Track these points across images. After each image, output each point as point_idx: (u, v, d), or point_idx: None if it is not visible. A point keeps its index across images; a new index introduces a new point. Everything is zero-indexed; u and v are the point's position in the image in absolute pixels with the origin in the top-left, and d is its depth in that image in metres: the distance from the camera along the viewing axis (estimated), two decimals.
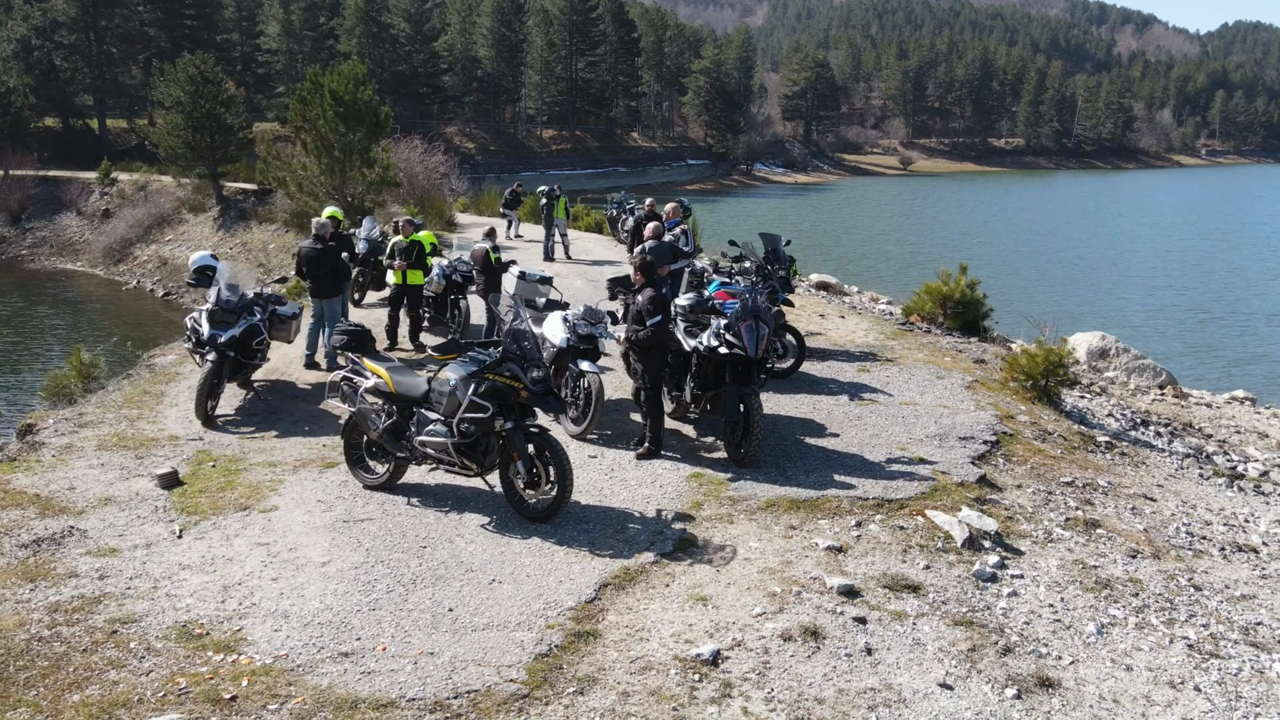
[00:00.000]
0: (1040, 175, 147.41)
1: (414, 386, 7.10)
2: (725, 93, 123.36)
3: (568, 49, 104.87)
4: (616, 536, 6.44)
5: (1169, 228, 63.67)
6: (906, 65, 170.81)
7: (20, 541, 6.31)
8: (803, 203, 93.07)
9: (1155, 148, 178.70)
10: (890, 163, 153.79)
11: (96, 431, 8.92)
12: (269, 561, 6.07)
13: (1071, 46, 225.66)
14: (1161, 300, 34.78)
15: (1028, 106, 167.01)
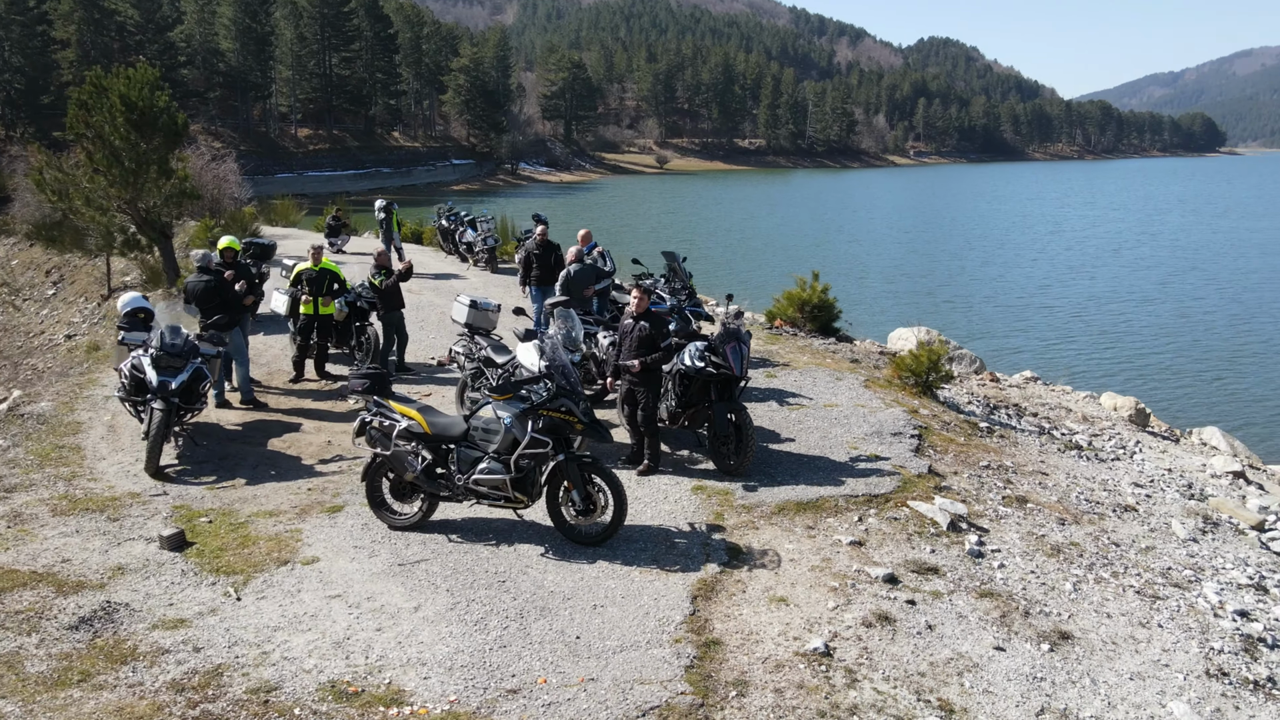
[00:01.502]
0: (781, 173, 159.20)
1: (450, 426, 7.27)
2: (486, 92, 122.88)
3: (320, 43, 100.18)
4: (671, 551, 7.03)
5: (915, 220, 71.30)
6: (656, 68, 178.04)
7: (65, 624, 5.90)
8: (573, 201, 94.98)
9: (874, 149, 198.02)
10: (648, 161, 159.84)
11: (35, 495, 8.18)
12: (357, 613, 6.11)
13: (799, 55, 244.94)
14: (931, 288, 39.33)
15: (767, 110, 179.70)
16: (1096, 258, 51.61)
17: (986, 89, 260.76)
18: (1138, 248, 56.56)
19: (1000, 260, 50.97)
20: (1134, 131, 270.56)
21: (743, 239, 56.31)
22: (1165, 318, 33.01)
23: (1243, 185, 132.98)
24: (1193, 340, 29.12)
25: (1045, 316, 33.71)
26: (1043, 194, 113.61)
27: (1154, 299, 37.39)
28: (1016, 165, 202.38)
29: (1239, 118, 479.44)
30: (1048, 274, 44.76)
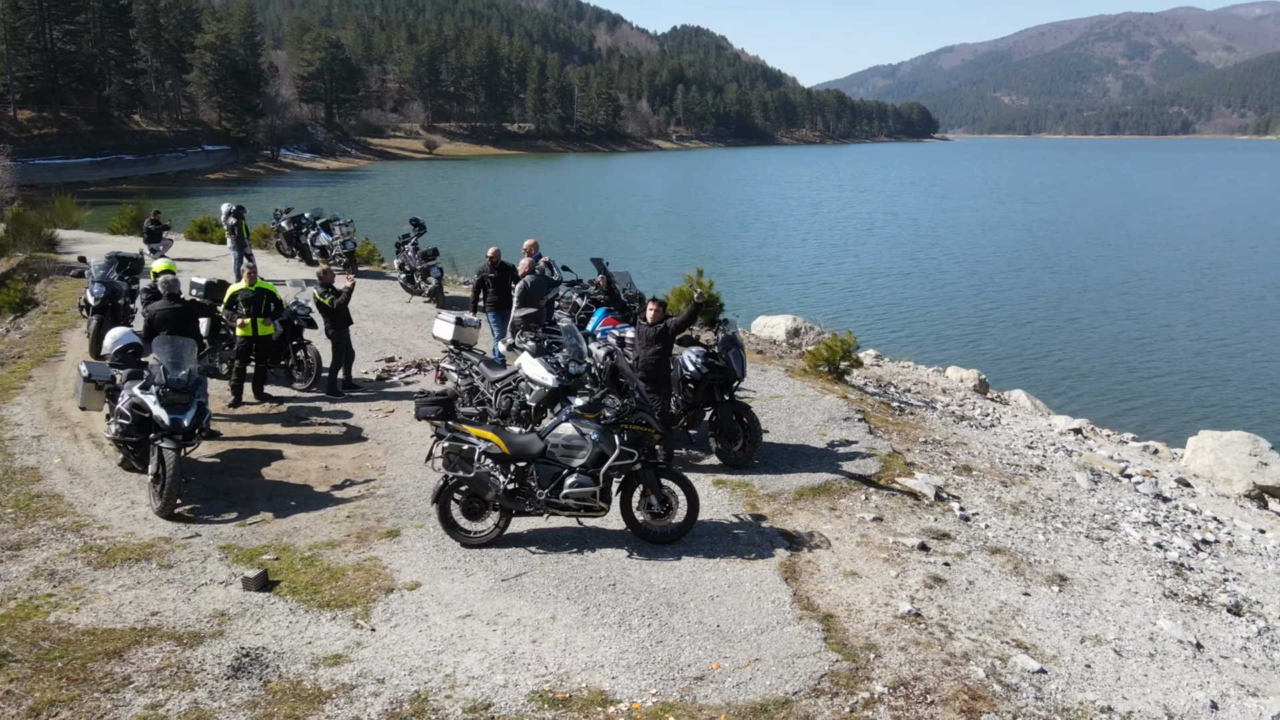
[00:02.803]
0: (552, 157, 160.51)
1: (528, 445, 7.70)
2: (237, 71, 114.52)
3: (39, 14, 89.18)
4: (737, 542, 7.90)
5: (693, 204, 74.78)
6: (419, 49, 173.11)
7: (220, 674, 5.86)
8: (347, 190, 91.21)
9: (640, 133, 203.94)
10: (415, 146, 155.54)
11: (53, 550, 7.67)
12: (500, 628, 6.50)
13: (560, 39, 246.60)
14: (722, 270, 41.99)
15: (534, 94, 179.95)
16: (855, 236, 57.13)
17: (737, 76, 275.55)
18: (886, 227, 63.04)
19: (774, 241, 55.28)
20: (865, 119, 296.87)
21: (540, 226, 57.01)
22: (924, 289, 37.59)
23: (958, 168, 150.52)
24: (950, 308, 33.45)
25: (826, 293, 37.30)
26: (797, 177, 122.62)
27: (910, 272, 42.32)
28: (768, 149, 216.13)
29: (946, 107, 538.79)
30: (818, 253, 49.20)
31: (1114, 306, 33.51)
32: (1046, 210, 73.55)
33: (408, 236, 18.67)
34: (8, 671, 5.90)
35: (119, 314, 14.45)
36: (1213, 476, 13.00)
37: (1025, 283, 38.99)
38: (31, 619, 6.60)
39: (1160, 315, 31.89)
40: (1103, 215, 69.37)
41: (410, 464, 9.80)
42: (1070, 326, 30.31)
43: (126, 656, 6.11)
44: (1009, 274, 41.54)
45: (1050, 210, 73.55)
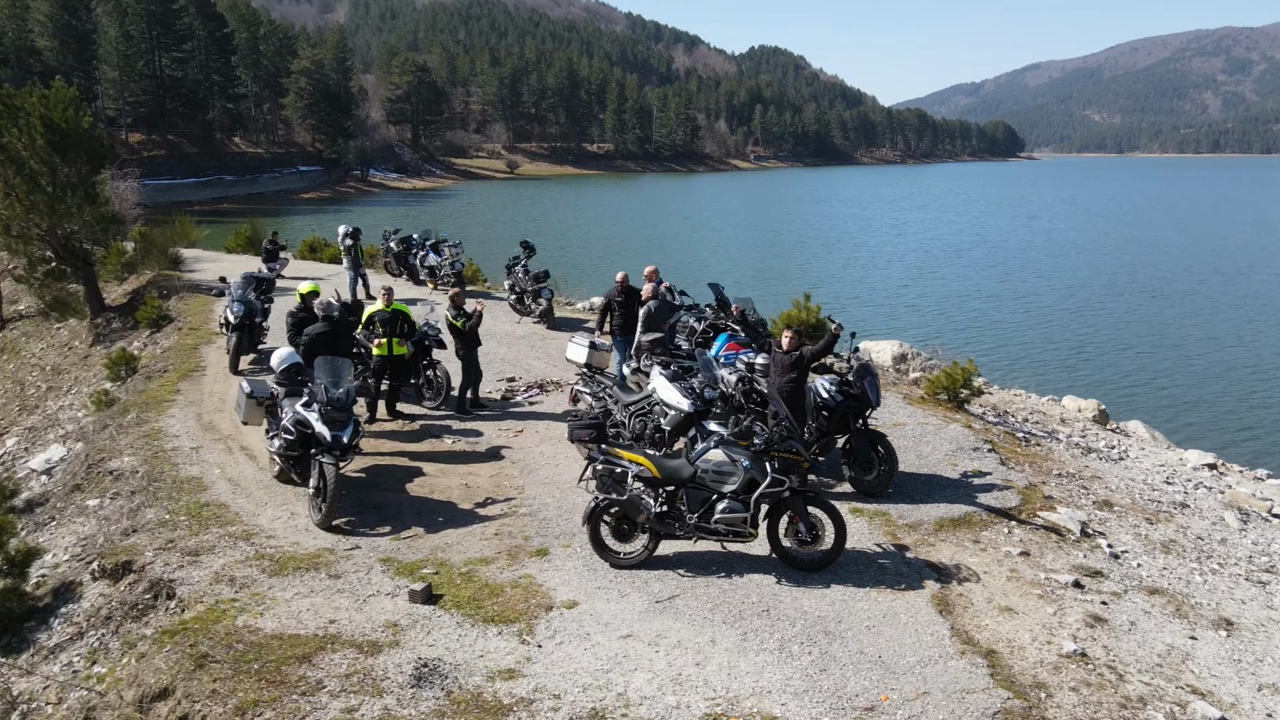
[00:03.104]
0: (631, 177, 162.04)
1: (678, 469, 7.86)
2: (330, 95, 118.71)
3: (149, 42, 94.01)
4: (884, 572, 7.90)
5: (776, 225, 74.56)
6: (501, 72, 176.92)
7: (404, 683, 6.12)
8: (433, 208, 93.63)
9: (717, 153, 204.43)
10: (498, 166, 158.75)
11: (228, 557, 8.10)
12: (662, 650, 6.63)
13: (638, 60, 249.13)
14: (807, 291, 41.85)
15: (613, 115, 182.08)
16: (942, 258, 56.32)
17: (815, 96, 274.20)
18: (974, 249, 61.93)
19: (859, 263, 54.83)
20: (947, 138, 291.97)
21: (624, 247, 57.58)
22: (1017, 313, 36.79)
23: (1046, 188, 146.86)
24: (1047, 333, 32.60)
25: (915, 316, 36.79)
26: (878, 197, 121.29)
27: (1001, 295, 41.47)
28: (847, 169, 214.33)
29: (1033, 125, 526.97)
30: (903, 275, 48.63)
31: (1222, 333, 32.27)
32: (1142, 231, 71.32)
33: (518, 258, 19.12)
34: (210, 671, 6.27)
35: (255, 332, 15.18)
36: None
37: (1126, 307, 37.82)
38: (221, 622, 6.99)
39: (1273, 343, 30.58)
40: (1206, 237, 66.86)
41: (547, 484, 10.04)
42: (1178, 353, 29.30)
43: (315, 661, 6.43)
44: (1107, 298, 40.33)
45: (1147, 231, 71.28)
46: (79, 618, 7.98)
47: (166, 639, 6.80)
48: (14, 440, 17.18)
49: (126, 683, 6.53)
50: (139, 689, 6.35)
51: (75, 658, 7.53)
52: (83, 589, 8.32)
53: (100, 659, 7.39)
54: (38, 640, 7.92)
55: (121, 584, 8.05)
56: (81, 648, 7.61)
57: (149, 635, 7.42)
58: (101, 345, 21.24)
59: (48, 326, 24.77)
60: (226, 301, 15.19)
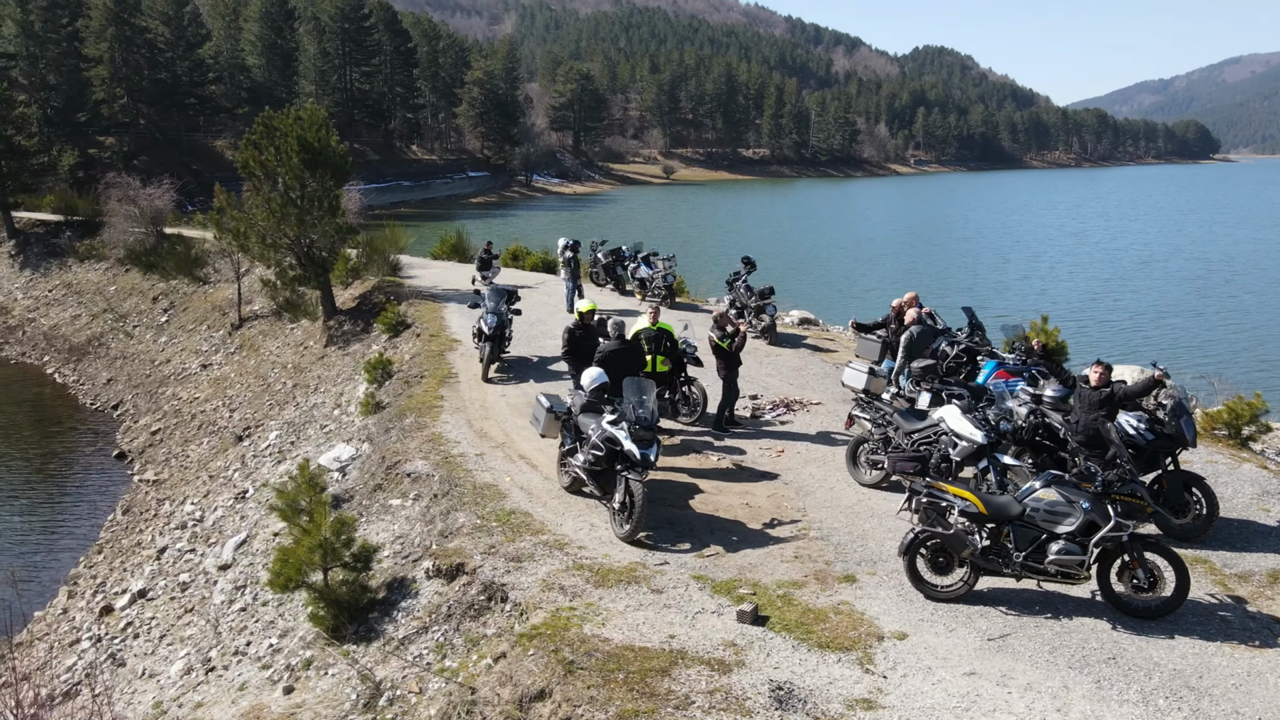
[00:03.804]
0: (785, 182, 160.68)
1: (1006, 507, 7.78)
2: (500, 104, 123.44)
3: (342, 58, 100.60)
4: (1226, 624, 7.55)
5: (946, 234, 72.04)
6: (660, 78, 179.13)
7: (764, 704, 6.34)
8: (593, 213, 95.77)
9: (876, 157, 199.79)
10: (654, 171, 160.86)
11: (548, 566, 8.59)
12: (1013, 691, 6.59)
13: (797, 64, 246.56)
14: (1025, 302, 40.22)
15: (770, 120, 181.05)
16: (1131, 269, 53.10)
17: (983, 97, 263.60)
18: (1168, 259, 57.91)
19: (1038, 274, 52.36)
20: (1129, 139, 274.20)
21: (790, 255, 57.08)
22: (1226, 330, 34.19)
23: (1246, 193, 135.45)
24: (1264, 354, 30.06)
25: (1107, 331, 34.73)
26: (1054, 203, 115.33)
27: (1203, 311, 38.68)
28: (1016, 173, 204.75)
29: (1230, 124, 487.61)
30: (1088, 287, 46.12)
31: None
32: None
33: (739, 274, 19.31)
34: (581, 677, 6.68)
35: (505, 342, 16.01)
36: None
37: None
38: (570, 630, 7.43)
39: None
40: None
41: (828, 507, 10.12)
42: None
43: (674, 675, 6.74)
44: None
45: None
46: (419, 613, 8.65)
47: (525, 642, 7.28)
48: (275, 434, 18.75)
49: (498, 681, 7.03)
50: (515, 688, 6.84)
51: (424, 650, 8.17)
52: (417, 585, 9.02)
53: (448, 653, 7.99)
54: (385, 631, 8.64)
55: (455, 584, 8.68)
56: (428, 641, 8.25)
57: (490, 635, 7.97)
58: (335, 346, 22.88)
59: (281, 326, 26.86)
60: (480, 312, 16.06)
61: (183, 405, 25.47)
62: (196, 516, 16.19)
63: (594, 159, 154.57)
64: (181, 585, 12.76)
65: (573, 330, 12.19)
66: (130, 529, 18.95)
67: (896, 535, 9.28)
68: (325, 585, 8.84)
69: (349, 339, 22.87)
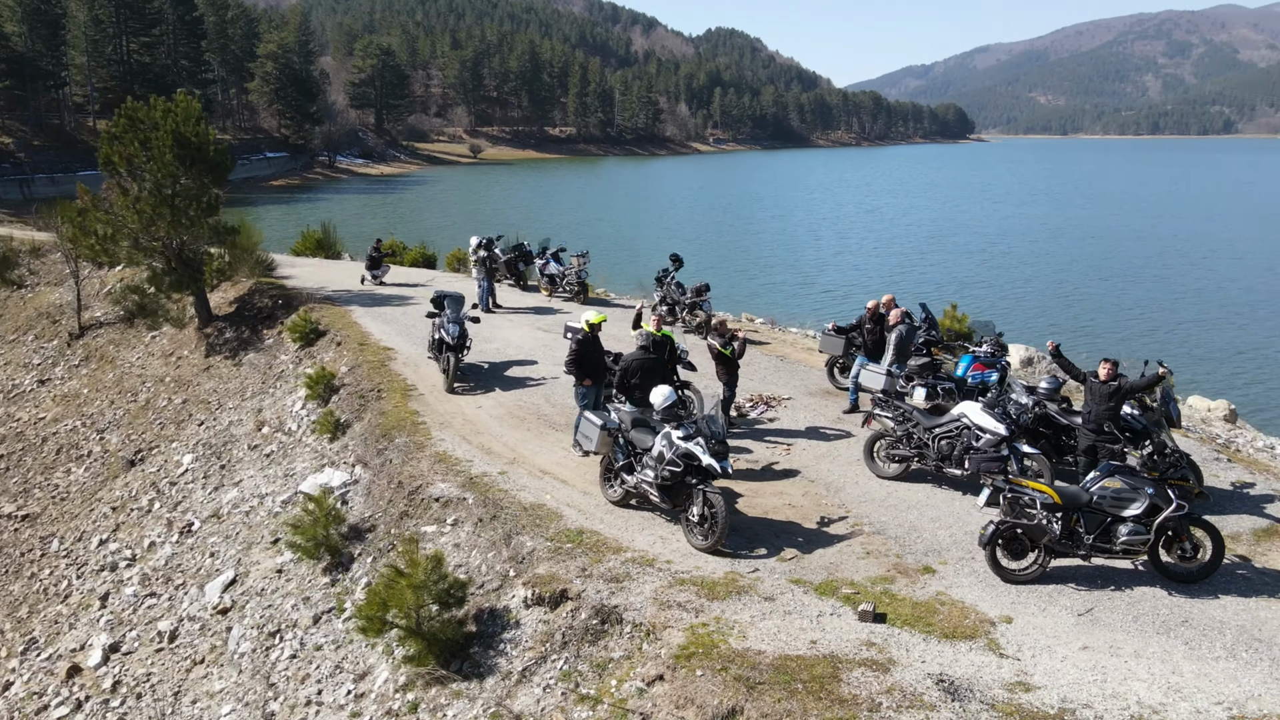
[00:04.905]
0: (594, 161, 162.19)
1: (1076, 496, 8.79)
2: (297, 80, 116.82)
3: (117, 27, 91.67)
4: (1247, 580, 8.94)
5: (754, 209, 75.50)
6: (463, 55, 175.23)
7: (942, 696, 6.95)
8: (406, 196, 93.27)
9: (678, 136, 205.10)
10: (461, 150, 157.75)
11: (654, 583, 8.79)
12: (1129, 660, 7.58)
13: (598, 43, 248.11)
14: (844, 277, 42.93)
15: (576, 98, 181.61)
16: (924, 244, 58.18)
17: (772, 78, 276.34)
18: (954, 235, 63.86)
19: (850, 249, 56.58)
20: (900, 120, 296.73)
21: (618, 236, 58.23)
22: (1018, 299, 38.61)
23: (1002, 170, 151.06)
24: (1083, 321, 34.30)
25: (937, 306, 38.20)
26: (845, 181, 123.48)
27: (992, 282, 43.32)
28: (806, 152, 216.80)
29: (981, 107, 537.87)
30: (898, 262, 50.49)
31: None
32: (1102, 214, 73.73)
33: (667, 271, 19.75)
34: (769, 694, 7.03)
35: (465, 351, 15.67)
36: None
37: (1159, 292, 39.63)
38: (719, 646, 7.72)
39: None
40: (1187, 222, 69.58)
41: (864, 502, 10.87)
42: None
43: (843, 679, 7.23)
44: (1115, 281, 42.19)
45: (1127, 217, 73.76)
46: (528, 643, 8.61)
47: (685, 663, 7.52)
48: (190, 457, 17.44)
49: (674, 704, 7.24)
50: (700, 709, 7.08)
51: (550, 680, 8.18)
52: (513, 615, 8.94)
53: (580, 681, 8.06)
54: (496, 665, 8.54)
55: (561, 611, 8.70)
56: (551, 671, 8.26)
57: (617, 658, 8.13)
58: (222, 356, 21.44)
59: (138, 335, 24.72)
60: (439, 322, 15.62)
61: (24, 427, 22.99)
62: (128, 556, 14.87)
63: (398, 138, 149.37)
64: (163, 634, 11.79)
65: (583, 341, 12.24)
66: (15, 573, 17.15)
67: (943, 525, 10.20)
68: (417, 624, 8.60)
69: (238, 348, 21.43)
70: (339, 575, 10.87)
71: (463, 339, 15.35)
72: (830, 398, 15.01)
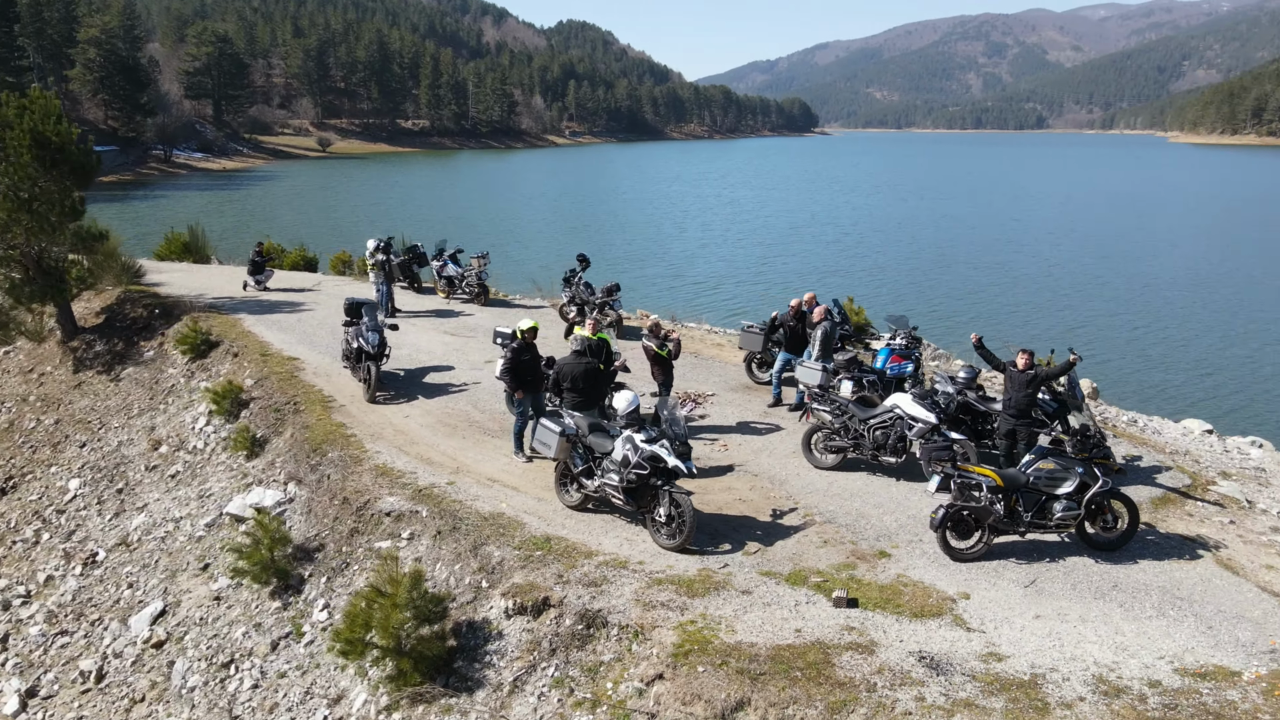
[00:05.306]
0: (449, 155, 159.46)
1: (1015, 478, 9.56)
2: (125, 68, 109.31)
3: None
4: (1155, 546, 9.96)
5: (618, 204, 76.22)
6: (306, 43, 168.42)
7: (927, 672, 7.49)
8: (262, 192, 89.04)
9: (535, 129, 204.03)
10: (308, 144, 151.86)
11: (632, 585, 8.99)
12: (1076, 624, 8.38)
13: (448, 33, 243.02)
14: (712, 269, 44.04)
15: (428, 90, 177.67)
16: (785, 234, 60.48)
17: (625, 72, 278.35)
18: (810, 226, 66.67)
19: (715, 240, 58.25)
20: (749, 113, 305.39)
21: (484, 232, 57.68)
22: (875, 285, 40.91)
23: (846, 161, 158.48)
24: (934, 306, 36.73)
25: (785, 292, 39.85)
26: (704, 174, 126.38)
27: (849, 271, 45.76)
28: (661, 144, 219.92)
29: (824, 102, 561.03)
30: (763, 252, 52.19)
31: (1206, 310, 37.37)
32: (947, 204, 78.63)
33: (574, 271, 19.83)
34: (772, 684, 7.39)
35: (385, 360, 15.31)
36: None
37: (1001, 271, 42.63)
38: (712, 642, 8.02)
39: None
40: (1056, 214, 74.91)
41: (810, 493, 11.41)
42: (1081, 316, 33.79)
43: (836, 664, 7.67)
44: (953, 267, 45.20)
45: (952, 205, 78.70)
46: (514, 652, 8.64)
47: (684, 660, 7.78)
48: (76, 482, 16.35)
49: (681, 701, 7.49)
50: (709, 704, 7.36)
51: (543, 688, 8.27)
52: (494, 626, 8.94)
53: (575, 687, 8.19)
54: (484, 678, 8.52)
55: (545, 619, 8.78)
56: (543, 679, 8.34)
57: (609, 660, 8.32)
58: (95, 372, 20.18)
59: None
60: (356, 330, 15.19)
61: None
62: (21, 592, 13.79)
63: (240, 131, 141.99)
64: (87, 674, 11.06)
65: (518, 350, 12.22)
66: None
67: (888, 510, 10.88)
68: (400, 643, 8.49)
69: (113, 362, 20.16)
70: (290, 598, 10.51)
71: (383, 347, 15.01)
72: (751, 392, 15.58)
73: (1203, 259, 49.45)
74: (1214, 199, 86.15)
